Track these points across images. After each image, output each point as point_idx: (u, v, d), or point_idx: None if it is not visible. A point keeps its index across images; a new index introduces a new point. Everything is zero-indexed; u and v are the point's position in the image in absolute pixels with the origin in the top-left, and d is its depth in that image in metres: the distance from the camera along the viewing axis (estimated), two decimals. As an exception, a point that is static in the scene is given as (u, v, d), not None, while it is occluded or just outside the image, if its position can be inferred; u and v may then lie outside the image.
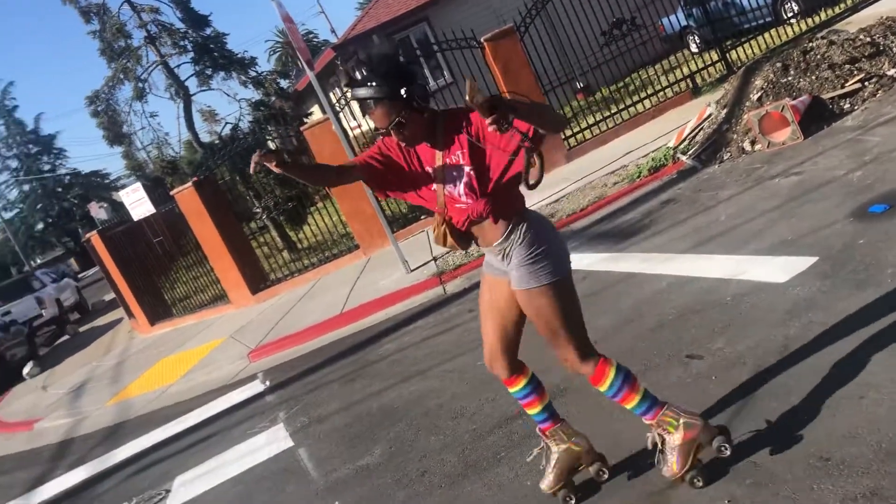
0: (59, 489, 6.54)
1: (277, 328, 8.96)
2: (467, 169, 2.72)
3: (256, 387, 7.22)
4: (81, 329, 19.98)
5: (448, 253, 8.63)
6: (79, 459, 7.28)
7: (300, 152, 13.01)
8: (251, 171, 2.65)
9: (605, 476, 3.16)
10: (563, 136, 10.81)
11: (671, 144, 8.48)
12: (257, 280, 11.72)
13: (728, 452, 2.88)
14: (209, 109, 18.94)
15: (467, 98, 2.23)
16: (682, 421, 2.88)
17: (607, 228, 7.26)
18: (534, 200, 9.35)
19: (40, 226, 53.98)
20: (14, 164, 53.43)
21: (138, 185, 12.46)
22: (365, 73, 2.58)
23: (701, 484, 2.85)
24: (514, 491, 3.45)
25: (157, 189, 13.66)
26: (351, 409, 5.46)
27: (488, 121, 2.22)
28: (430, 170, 2.83)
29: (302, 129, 11.49)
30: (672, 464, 2.89)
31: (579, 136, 11.00)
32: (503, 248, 2.86)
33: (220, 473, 5.26)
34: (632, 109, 11.18)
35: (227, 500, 4.79)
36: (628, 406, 2.94)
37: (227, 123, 18.77)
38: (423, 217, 10.99)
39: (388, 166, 2.87)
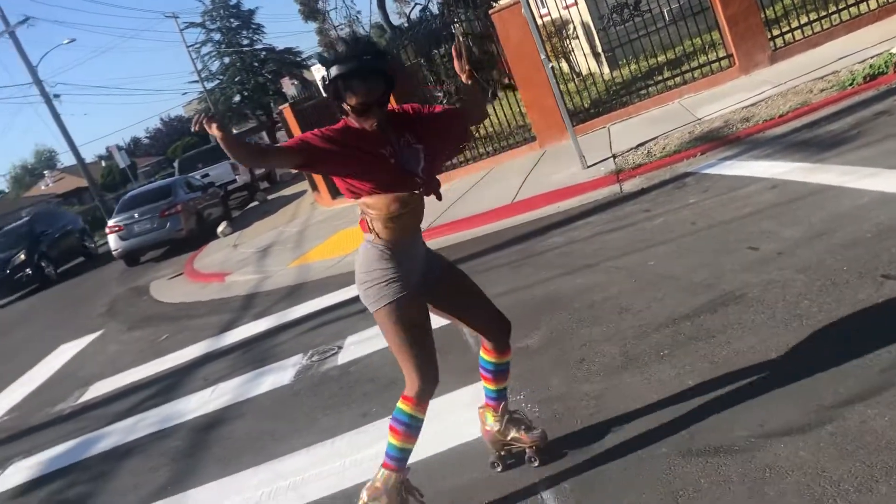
0: (245, 335, 7.19)
1: (449, 212, 9.15)
2: (423, 152, 2.85)
3: (425, 264, 7.47)
4: (269, 197, 21.41)
5: (628, 151, 8.38)
6: (262, 311, 7.94)
7: (486, 37, 12.87)
8: (193, 128, 2.63)
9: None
10: (768, 36, 9.98)
11: (895, 51, 7.60)
12: (433, 164, 11.93)
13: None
14: (401, -11, 19.01)
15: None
16: None
17: (807, 137, 6.72)
18: (726, 103, 8.81)
19: (237, 98, 57.48)
20: (217, 36, 56.72)
21: (329, 61, 12.84)
22: (371, 48, 2.74)
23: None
24: (674, 388, 3.41)
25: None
26: (514, 294, 5.54)
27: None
28: (383, 152, 2.80)
29: (490, 12, 11.30)
30: None
31: (787, 37, 10.07)
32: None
33: (387, 338, 5.55)
34: (853, 10, 10.03)
35: (392, 361, 5.01)
36: (498, 386, 3.23)
37: (416, 4, 18.78)
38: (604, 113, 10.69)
39: (338, 149, 2.76)
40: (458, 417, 3.84)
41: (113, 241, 16.15)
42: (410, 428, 2.95)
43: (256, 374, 5.86)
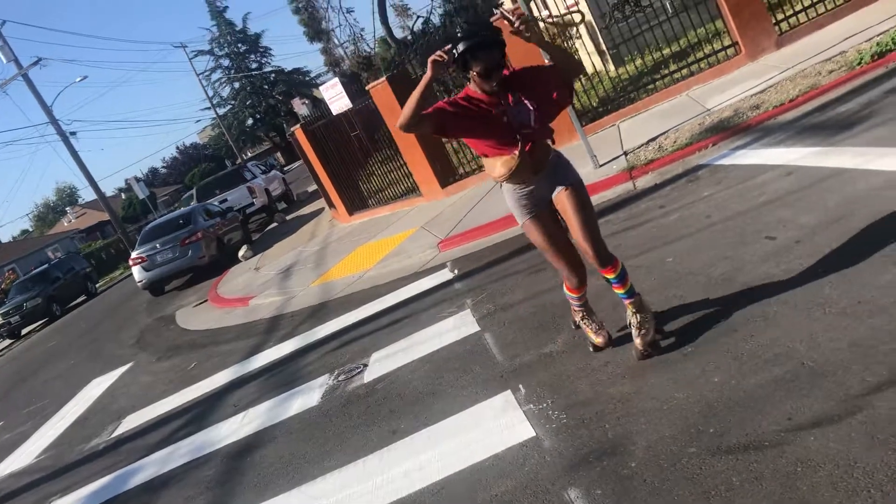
0: (272, 358, 7.25)
1: (465, 220, 9.18)
2: (532, 105, 3.56)
3: (445, 275, 7.50)
4: (288, 217, 21.54)
5: (639, 147, 8.36)
6: (287, 333, 8.00)
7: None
8: (438, 59, 3.39)
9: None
10: (773, 21, 9.92)
11: (902, 26, 7.54)
12: (447, 174, 11.97)
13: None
14: (402, 4, 19.16)
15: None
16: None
17: (819, 121, 6.67)
18: (735, 92, 8.77)
19: (250, 121, 57.96)
20: (226, 62, 57.28)
21: (336, 80, 12.94)
22: (487, 26, 3.53)
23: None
24: (700, 386, 3.40)
25: (354, 84, 14.11)
26: (535, 299, 5.56)
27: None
28: (496, 111, 3.58)
29: (493, 20, 11.32)
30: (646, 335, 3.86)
31: (792, 20, 10.00)
32: (552, 162, 3.82)
33: (412, 352, 5.58)
34: (856, -12, 9.97)
35: (417, 376, 5.10)
36: (620, 291, 3.92)
37: (418, 17, 18.88)
38: (613, 111, 10.65)
39: (463, 112, 3.62)
40: (490, 426, 3.85)
41: (137, 273, 16.36)
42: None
43: (285, 396, 5.90)
